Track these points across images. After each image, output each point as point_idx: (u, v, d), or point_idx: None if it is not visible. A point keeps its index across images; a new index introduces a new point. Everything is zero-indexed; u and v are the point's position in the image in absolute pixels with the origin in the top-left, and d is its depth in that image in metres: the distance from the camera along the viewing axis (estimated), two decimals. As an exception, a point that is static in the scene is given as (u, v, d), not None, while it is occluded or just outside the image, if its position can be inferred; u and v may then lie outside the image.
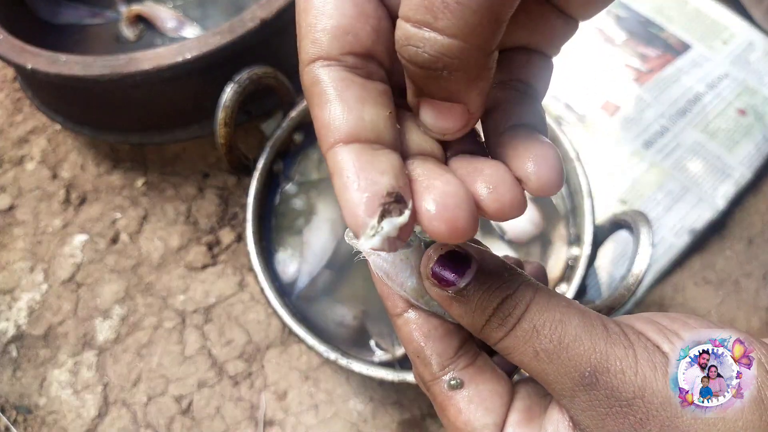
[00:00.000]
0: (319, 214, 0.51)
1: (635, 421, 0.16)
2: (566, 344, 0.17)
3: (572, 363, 0.17)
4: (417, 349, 0.20)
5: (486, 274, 0.19)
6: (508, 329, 0.18)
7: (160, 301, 0.59)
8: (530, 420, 0.19)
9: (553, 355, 0.17)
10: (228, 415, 0.53)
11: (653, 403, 0.16)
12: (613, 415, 0.17)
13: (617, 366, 0.17)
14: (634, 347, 0.17)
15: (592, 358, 0.17)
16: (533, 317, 0.18)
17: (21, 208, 0.64)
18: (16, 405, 0.54)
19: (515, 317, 0.18)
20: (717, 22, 0.73)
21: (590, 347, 0.17)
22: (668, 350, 0.17)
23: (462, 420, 0.20)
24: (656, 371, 0.17)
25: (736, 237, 0.62)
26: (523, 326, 0.18)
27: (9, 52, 0.53)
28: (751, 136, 0.65)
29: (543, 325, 0.18)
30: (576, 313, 0.18)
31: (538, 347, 0.18)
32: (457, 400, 0.20)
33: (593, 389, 0.17)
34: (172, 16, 0.65)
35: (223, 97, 0.46)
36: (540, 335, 0.18)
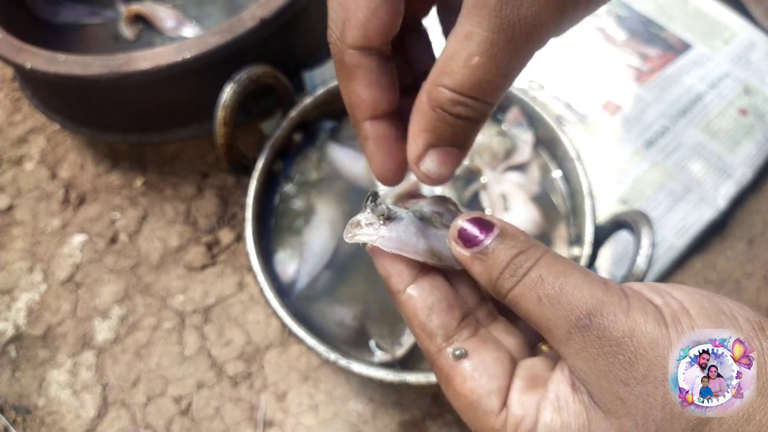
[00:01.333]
0: (318, 214, 0.51)
1: (624, 360, 0.18)
2: (566, 291, 0.19)
3: (570, 307, 0.19)
4: (421, 323, 0.21)
5: (505, 236, 0.21)
6: (518, 279, 0.20)
7: (159, 301, 0.58)
8: (534, 386, 0.21)
9: (554, 300, 0.19)
10: (227, 415, 0.53)
11: (641, 343, 0.18)
12: (604, 354, 0.18)
13: (610, 309, 0.18)
14: (628, 297, 0.19)
15: (589, 303, 0.19)
16: (540, 269, 0.20)
17: (20, 208, 0.64)
18: (15, 405, 0.54)
19: (525, 268, 0.20)
20: (718, 22, 0.73)
21: (588, 294, 0.19)
22: (660, 303, 0.19)
23: (468, 387, 0.21)
24: (647, 316, 0.18)
25: (737, 237, 0.62)
26: (531, 275, 0.20)
27: (7, 52, 0.53)
28: (753, 135, 0.65)
29: (548, 275, 0.20)
30: (579, 269, 0.20)
31: (541, 293, 0.19)
32: (462, 368, 0.21)
33: (587, 330, 0.18)
34: (171, 16, 0.65)
35: (223, 96, 0.46)
36: (545, 282, 0.20)
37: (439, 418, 0.52)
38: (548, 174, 0.53)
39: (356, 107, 0.22)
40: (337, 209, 0.51)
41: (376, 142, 0.22)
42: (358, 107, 0.21)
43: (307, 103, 0.52)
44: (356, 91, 0.21)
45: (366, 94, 0.21)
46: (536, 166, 0.53)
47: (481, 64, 0.19)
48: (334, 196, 0.52)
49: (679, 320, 0.18)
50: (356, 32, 0.20)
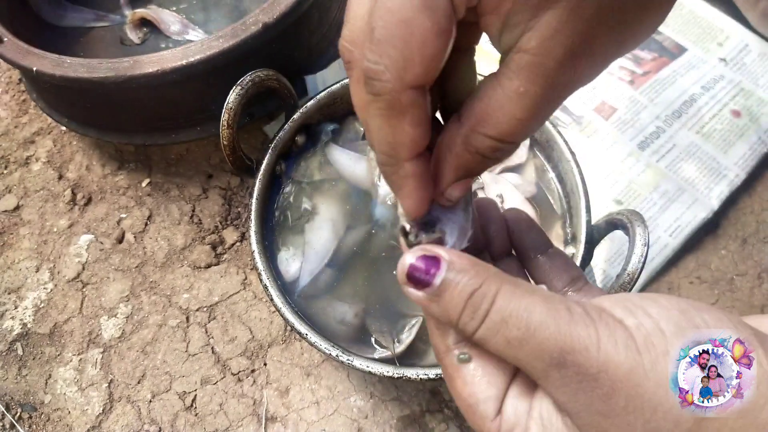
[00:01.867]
0: (320, 214, 0.52)
1: (602, 394, 0.18)
2: (533, 331, 0.19)
3: (541, 347, 0.18)
4: (437, 321, 0.22)
5: (456, 271, 0.20)
6: (478, 322, 0.20)
7: (164, 299, 0.59)
8: (525, 394, 0.21)
9: (522, 342, 0.19)
10: (231, 411, 0.54)
11: (617, 376, 0.18)
12: (583, 390, 0.18)
13: (581, 345, 0.18)
14: (595, 325, 0.19)
15: (558, 340, 0.18)
16: (500, 308, 0.19)
17: (27, 209, 0.65)
18: (22, 402, 0.55)
19: (483, 310, 0.20)
20: (712, 25, 0.74)
21: (555, 330, 0.18)
22: (631, 324, 0.19)
23: (467, 392, 0.21)
24: (617, 346, 0.18)
25: (731, 237, 0.63)
26: (492, 318, 0.20)
27: (14, 55, 0.53)
28: (746, 137, 0.66)
29: (510, 315, 0.19)
30: (540, 300, 0.19)
31: (508, 336, 0.19)
32: (463, 373, 0.22)
33: (563, 368, 0.18)
34: (176, 20, 0.66)
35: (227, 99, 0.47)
36: (508, 325, 0.19)
37: (437, 413, 0.53)
38: (544, 175, 0.54)
39: (402, 146, 0.20)
40: (339, 209, 0.52)
41: (417, 179, 0.22)
42: (405, 146, 0.20)
43: (310, 106, 0.53)
44: (406, 131, 0.20)
45: (416, 133, 0.20)
46: (532, 167, 0.54)
47: (528, 117, 0.19)
48: (335, 196, 0.53)
49: (653, 344, 0.18)
50: (420, 70, 0.18)
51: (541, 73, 0.18)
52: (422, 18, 0.18)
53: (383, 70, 0.18)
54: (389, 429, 0.53)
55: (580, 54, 0.18)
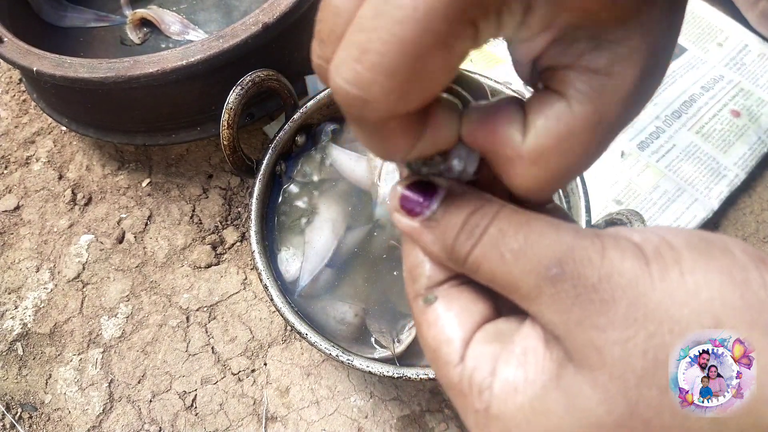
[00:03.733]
0: (320, 214, 0.52)
1: (601, 305, 0.16)
2: (531, 240, 0.17)
3: (537, 257, 0.16)
4: (411, 265, 0.20)
5: (454, 196, 0.19)
6: (475, 239, 0.18)
7: (164, 299, 0.59)
8: (496, 339, 0.19)
9: (519, 253, 0.17)
10: (231, 411, 0.54)
11: (619, 283, 0.16)
12: (579, 302, 0.16)
13: (583, 254, 0.16)
14: (601, 238, 0.17)
15: (557, 249, 0.16)
16: (500, 223, 0.18)
17: (27, 209, 0.65)
18: (22, 402, 0.55)
19: (482, 227, 0.18)
20: (712, 25, 0.74)
21: (555, 240, 0.16)
22: (638, 239, 0.17)
23: (431, 334, 0.19)
24: (624, 253, 0.16)
25: (731, 237, 0.63)
26: (490, 232, 0.17)
27: (15, 55, 0.53)
28: (746, 137, 0.66)
29: (509, 227, 0.17)
30: (544, 218, 0.17)
31: (503, 248, 0.17)
32: (428, 314, 0.20)
33: (558, 279, 0.16)
34: (176, 20, 0.66)
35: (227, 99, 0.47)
36: (506, 236, 0.17)
37: (437, 412, 0.53)
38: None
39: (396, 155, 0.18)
40: (339, 209, 0.52)
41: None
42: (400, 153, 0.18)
43: (310, 106, 0.53)
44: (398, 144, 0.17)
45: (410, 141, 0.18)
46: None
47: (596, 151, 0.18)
48: (335, 196, 0.53)
49: (661, 254, 0.16)
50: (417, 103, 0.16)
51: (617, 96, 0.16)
52: (441, 54, 0.14)
53: (368, 100, 0.15)
54: (389, 429, 0.53)
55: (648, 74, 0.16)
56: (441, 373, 0.19)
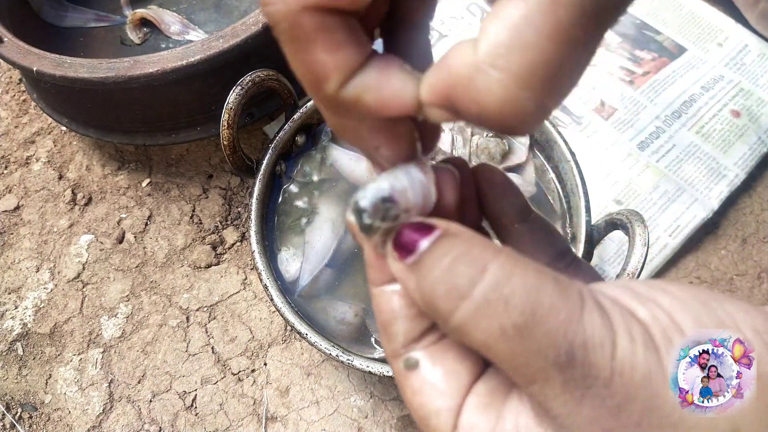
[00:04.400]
0: (320, 214, 0.52)
1: (613, 406, 0.14)
2: (540, 317, 0.14)
3: (547, 339, 0.14)
4: (384, 322, 0.19)
5: (447, 236, 0.16)
6: (459, 297, 0.15)
7: (164, 299, 0.59)
8: (489, 404, 0.17)
9: (524, 331, 0.14)
10: (231, 411, 0.54)
11: (633, 381, 0.14)
12: (590, 397, 0.14)
13: (595, 338, 0.14)
14: (610, 317, 0.15)
15: (570, 331, 0.14)
16: (500, 282, 0.15)
17: (27, 209, 0.65)
18: (22, 402, 0.55)
19: (469, 280, 0.15)
20: (712, 25, 0.74)
21: (566, 318, 0.14)
22: (645, 317, 0.15)
23: (417, 402, 0.18)
24: (635, 344, 0.15)
25: (731, 237, 0.63)
26: (488, 295, 0.15)
27: (15, 55, 0.53)
28: (746, 137, 0.66)
29: (513, 294, 0.15)
30: (550, 278, 0.15)
31: (506, 322, 0.14)
32: (411, 380, 0.18)
33: (569, 368, 0.14)
34: (176, 20, 0.66)
35: (227, 99, 0.47)
36: (509, 307, 0.14)
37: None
38: (544, 175, 0.54)
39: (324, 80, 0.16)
40: (339, 209, 0.52)
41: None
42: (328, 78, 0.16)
43: (310, 106, 0.53)
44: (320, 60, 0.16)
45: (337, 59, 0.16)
46: (532, 167, 0.55)
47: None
48: (335, 196, 0.53)
49: (672, 341, 0.15)
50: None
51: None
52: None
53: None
54: (389, 429, 0.53)
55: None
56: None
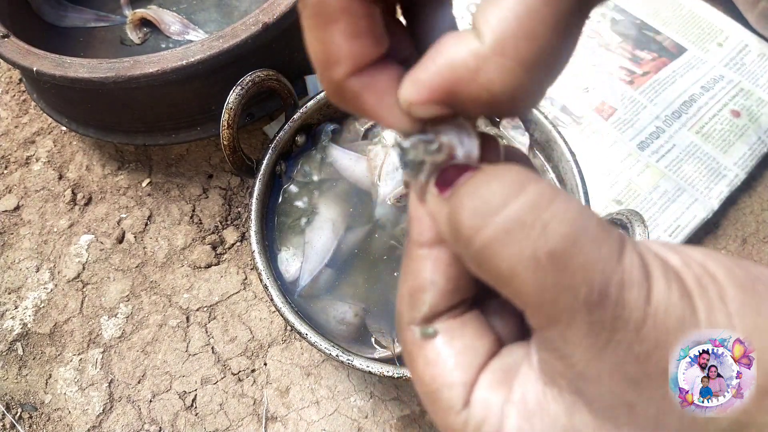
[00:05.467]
0: (320, 214, 0.52)
1: (641, 352, 0.13)
2: (582, 246, 0.13)
3: (583, 273, 0.13)
4: (415, 287, 0.17)
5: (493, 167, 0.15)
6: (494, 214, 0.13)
7: (164, 299, 0.59)
8: (503, 382, 0.16)
9: (561, 261, 0.13)
10: (231, 411, 0.54)
11: (665, 326, 0.13)
12: (616, 344, 0.13)
13: (633, 279, 0.13)
14: (646, 259, 0.14)
15: (608, 267, 0.13)
16: (539, 203, 0.13)
17: (27, 209, 0.65)
18: (22, 402, 0.55)
19: (507, 199, 0.14)
20: (712, 25, 0.74)
21: (608, 252, 0.13)
22: (676, 263, 0.14)
23: (429, 374, 0.17)
24: (670, 287, 0.13)
25: (731, 237, 0.63)
26: (523, 215, 0.13)
27: (15, 55, 0.53)
28: (746, 137, 0.66)
29: (554, 217, 0.13)
30: (593, 212, 0.14)
31: (542, 247, 0.13)
32: (426, 350, 0.17)
33: (600, 308, 0.13)
34: (176, 20, 0.66)
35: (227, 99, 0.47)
36: (548, 230, 0.13)
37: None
38: (544, 175, 0.54)
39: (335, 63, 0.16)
40: (339, 209, 0.52)
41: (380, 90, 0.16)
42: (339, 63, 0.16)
43: (310, 106, 0.53)
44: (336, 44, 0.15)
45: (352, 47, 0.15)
46: (533, 167, 0.54)
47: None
48: (335, 196, 0.53)
49: (705, 288, 0.14)
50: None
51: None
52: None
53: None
54: (389, 429, 0.53)
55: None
56: (439, 417, 0.17)
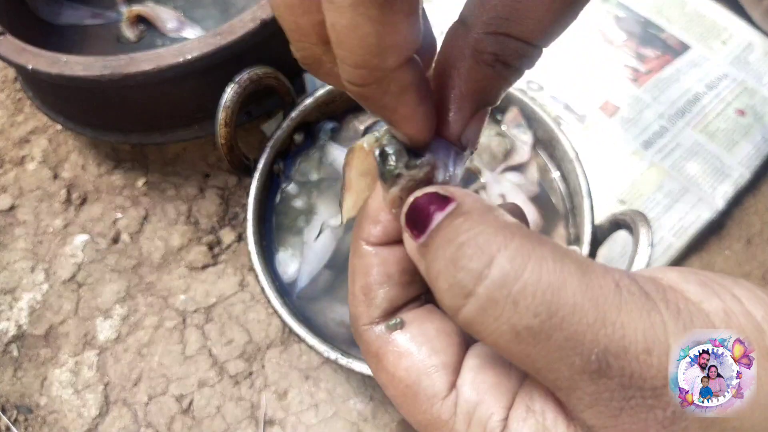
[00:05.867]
0: (319, 214, 0.51)
1: (665, 417, 0.12)
2: (561, 318, 0.12)
3: (570, 345, 0.12)
4: (368, 285, 0.17)
5: (459, 213, 0.14)
6: (465, 292, 0.13)
7: (160, 300, 0.59)
8: (493, 364, 0.15)
9: (540, 335, 0.12)
10: (228, 414, 0.53)
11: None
12: (632, 408, 0.12)
13: (639, 342, 0.12)
14: (661, 313, 0.12)
15: (601, 334, 0.12)
16: (507, 278, 0.13)
17: (22, 208, 0.65)
18: (17, 405, 0.55)
19: (474, 272, 0.13)
20: (716, 23, 0.73)
21: (597, 319, 0.12)
22: (714, 310, 0.13)
23: (403, 366, 0.15)
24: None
25: (735, 237, 0.62)
26: (493, 294, 0.13)
27: (10, 53, 0.53)
28: (750, 136, 0.65)
29: (524, 292, 0.12)
30: (574, 268, 0.13)
31: (517, 324, 0.12)
32: (395, 342, 0.16)
33: (603, 377, 0.12)
34: (172, 17, 0.65)
35: (224, 97, 0.47)
36: (519, 308, 0.12)
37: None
38: (547, 174, 0.53)
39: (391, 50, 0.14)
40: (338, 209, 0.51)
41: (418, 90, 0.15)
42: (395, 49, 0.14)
43: (308, 104, 0.52)
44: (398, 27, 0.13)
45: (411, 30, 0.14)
46: (535, 167, 0.54)
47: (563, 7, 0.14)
48: (334, 196, 0.52)
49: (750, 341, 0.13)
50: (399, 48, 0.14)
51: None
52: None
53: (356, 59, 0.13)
54: (389, 432, 0.52)
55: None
56: (419, 411, 0.15)
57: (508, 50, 0.15)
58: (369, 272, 0.17)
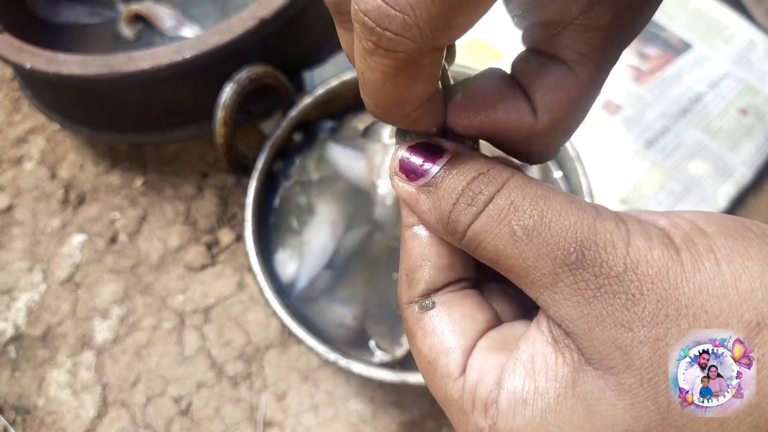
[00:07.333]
0: (318, 215, 0.51)
1: (626, 299, 0.14)
2: (549, 219, 0.15)
3: (555, 240, 0.15)
4: (410, 267, 0.19)
5: (459, 159, 0.17)
6: (479, 209, 0.16)
7: (158, 301, 0.58)
8: (501, 348, 0.17)
9: (533, 233, 0.15)
10: (227, 415, 0.53)
11: (647, 275, 0.14)
12: (601, 295, 0.14)
13: (607, 238, 0.15)
14: (626, 222, 0.15)
15: (578, 233, 0.15)
16: (510, 193, 0.16)
17: (19, 208, 0.64)
18: (15, 405, 0.54)
19: (488, 194, 0.16)
20: (718, 22, 0.73)
21: (576, 221, 0.15)
22: (665, 224, 0.15)
23: (427, 344, 0.18)
24: (651, 242, 0.14)
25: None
26: (498, 203, 0.16)
27: (7, 51, 0.52)
28: (753, 135, 0.65)
29: (522, 200, 0.15)
30: (560, 192, 0.16)
31: (515, 225, 0.15)
32: (424, 321, 0.18)
33: (578, 268, 0.14)
34: (170, 15, 0.65)
35: (222, 96, 0.46)
36: (518, 211, 0.15)
37: (439, 417, 0.52)
38: (549, 174, 0.53)
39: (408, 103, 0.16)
40: (337, 209, 0.51)
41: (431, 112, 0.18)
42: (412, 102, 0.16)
43: (307, 103, 0.52)
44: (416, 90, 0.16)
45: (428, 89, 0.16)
46: (537, 167, 0.53)
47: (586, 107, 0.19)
48: (334, 196, 0.52)
49: (693, 241, 0.14)
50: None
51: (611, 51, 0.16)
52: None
53: (407, 24, 0.13)
54: (389, 434, 0.52)
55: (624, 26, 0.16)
56: (438, 388, 0.17)
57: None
58: (410, 255, 0.19)
